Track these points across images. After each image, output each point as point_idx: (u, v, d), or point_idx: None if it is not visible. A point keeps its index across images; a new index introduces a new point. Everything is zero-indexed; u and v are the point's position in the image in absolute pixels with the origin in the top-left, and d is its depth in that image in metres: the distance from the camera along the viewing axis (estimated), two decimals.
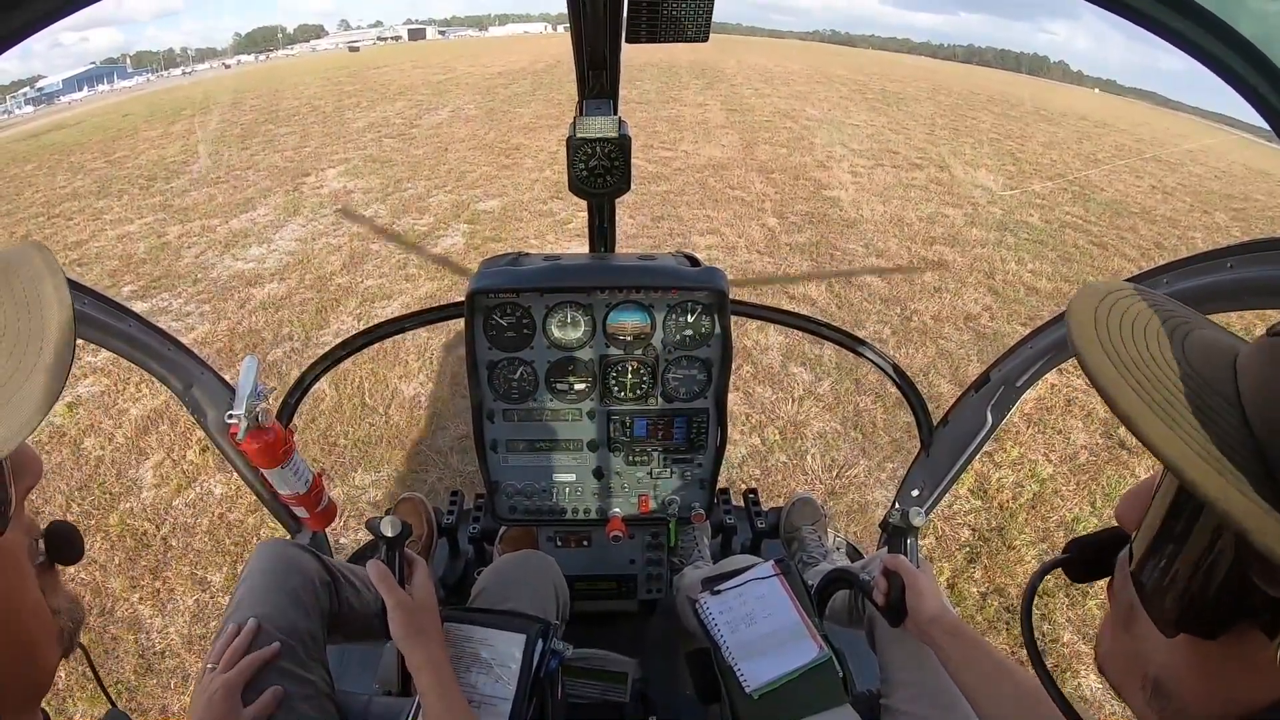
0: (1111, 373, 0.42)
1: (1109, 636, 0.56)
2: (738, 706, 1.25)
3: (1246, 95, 0.76)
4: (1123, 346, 0.44)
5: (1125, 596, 0.52)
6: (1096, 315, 0.46)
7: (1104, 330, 0.45)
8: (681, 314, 1.56)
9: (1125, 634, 0.53)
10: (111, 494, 3.30)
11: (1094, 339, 0.44)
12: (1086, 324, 0.46)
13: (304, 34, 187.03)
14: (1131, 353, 0.43)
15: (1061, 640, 2.56)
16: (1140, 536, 0.50)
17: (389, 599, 1.13)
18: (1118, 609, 0.54)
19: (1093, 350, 0.44)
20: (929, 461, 1.93)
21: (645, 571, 1.94)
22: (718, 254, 6.20)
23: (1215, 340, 0.45)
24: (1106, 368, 0.42)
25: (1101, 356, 0.43)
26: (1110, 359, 0.43)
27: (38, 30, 0.77)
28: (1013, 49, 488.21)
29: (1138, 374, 0.42)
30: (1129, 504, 0.53)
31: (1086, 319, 0.46)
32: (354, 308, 5.10)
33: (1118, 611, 0.54)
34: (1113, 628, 0.55)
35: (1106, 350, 0.43)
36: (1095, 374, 0.42)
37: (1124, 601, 0.52)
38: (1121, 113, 26.55)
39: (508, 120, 12.77)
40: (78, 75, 74.13)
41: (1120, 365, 0.43)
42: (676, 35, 1.03)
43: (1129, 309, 0.47)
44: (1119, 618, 0.54)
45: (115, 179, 9.39)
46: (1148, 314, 0.47)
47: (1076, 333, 0.45)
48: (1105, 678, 0.56)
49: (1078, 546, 0.61)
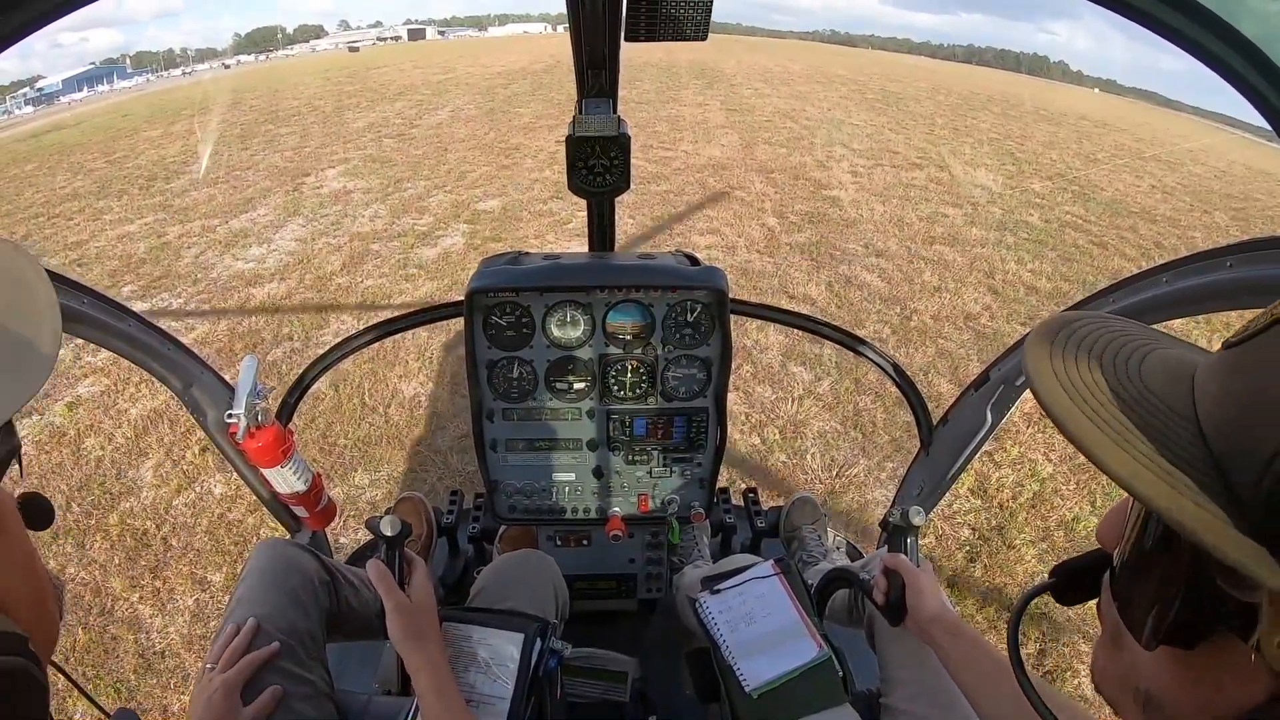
0: (1065, 401, 0.44)
1: (1101, 655, 0.57)
2: (737, 706, 1.25)
3: (1247, 95, 0.76)
4: (1076, 375, 0.45)
5: (1111, 615, 0.53)
6: (1052, 348, 0.48)
7: (1058, 362, 0.47)
8: (681, 313, 1.56)
9: (1115, 651, 0.54)
10: (111, 494, 3.30)
11: (1048, 371, 0.46)
12: (1041, 357, 0.47)
13: (304, 34, 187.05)
14: (1085, 379, 0.45)
15: (1061, 639, 2.56)
16: (1117, 555, 0.51)
17: (387, 601, 1.13)
18: (1106, 628, 0.55)
19: (1045, 381, 0.45)
20: (929, 461, 1.93)
21: (645, 571, 1.94)
22: (717, 253, 6.20)
23: (1175, 359, 0.46)
24: (1060, 396, 0.44)
25: (1055, 386, 0.45)
26: (1064, 388, 0.45)
27: (36, 30, 0.77)
28: (1013, 49, 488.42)
29: (1091, 400, 0.43)
30: (1108, 525, 0.55)
31: (1042, 352, 0.48)
32: (354, 308, 5.10)
33: (1106, 630, 0.55)
34: (1104, 647, 0.56)
35: (1061, 381, 0.45)
36: (1049, 404, 0.44)
37: (1111, 620, 0.53)
38: (1122, 112, 26.56)
39: (507, 120, 12.77)
40: (77, 75, 74.16)
41: (1073, 393, 0.44)
42: (675, 34, 1.03)
43: (1085, 338, 0.48)
44: (1108, 636, 0.55)
45: (115, 179, 9.39)
46: (1104, 341, 0.48)
47: (1031, 367, 0.47)
48: (1102, 696, 0.57)
49: (1063, 572, 0.62)
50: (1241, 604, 0.40)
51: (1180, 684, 0.47)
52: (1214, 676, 0.44)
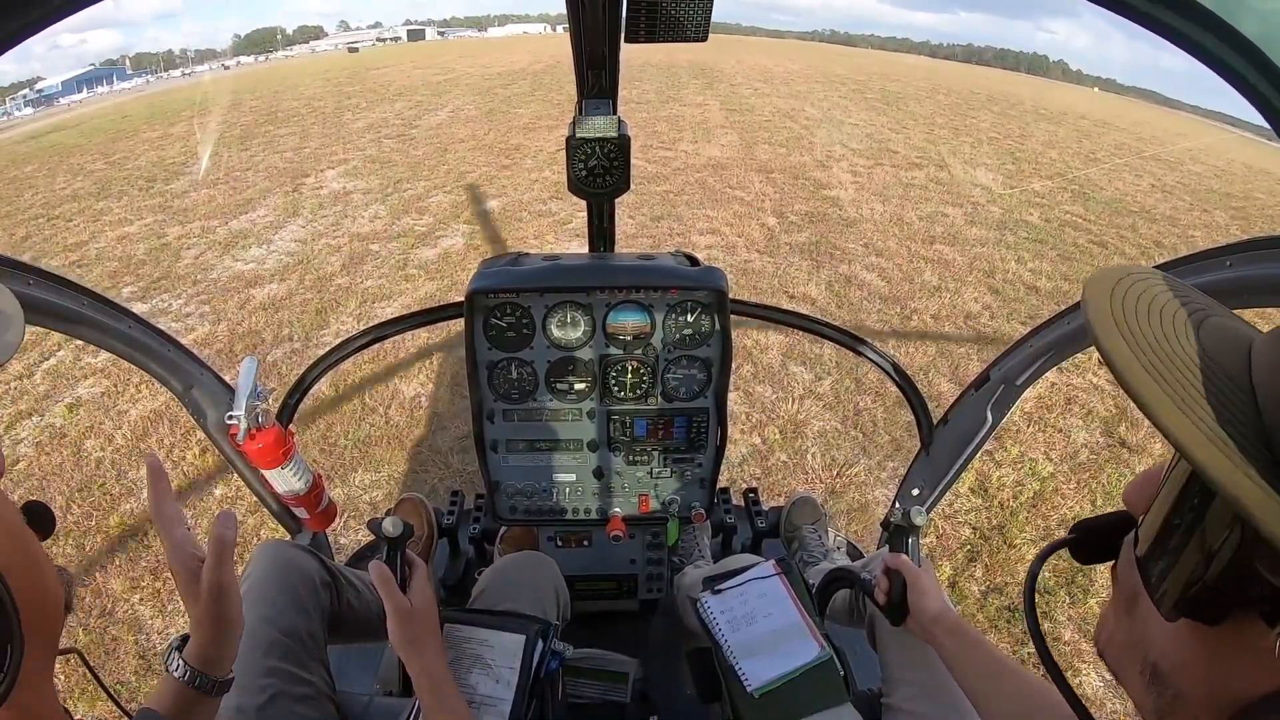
0: (1126, 353, 0.42)
1: (1111, 621, 0.56)
2: (739, 706, 1.25)
3: (1247, 95, 0.76)
4: (1138, 327, 0.43)
5: (1129, 581, 0.52)
6: (1113, 295, 0.46)
7: (1119, 310, 0.44)
8: (681, 313, 1.56)
9: (1127, 619, 0.53)
10: (112, 495, 3.30)
11: (1109, 318, 0.44)
12: (1103, 304, 0.45)
13: (303, 35, 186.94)
14: (1147, 334, 0.43)
15: (1063, 639, 2.56)
16: (1147, 521, 0.50)
17: (388, 603, 1.13)
18: (1120, 593, 0.54)
19: (1108, 329, 0.43)
20: (929, 460, 1.93)
21: (645, 571, 1.93)
22: (717, 253, 6.20)
23: (1231, 328, 0.45)
24: (1121, 347, 0.42)
25: (1117, 336, 0.43)
26: (1125, 339, 0.43)
27: (36, 32, 0.77)
28: (1012, 48, 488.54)
29: (1152, 355, 0.42)
30: (1138, 488, 0.53)
31: (1103, 298, 0.45)
32: (354, 308, 5.10)
33: (1120, 596, 0.54)
34: (1115, 612, 0.55)
35: (1121, 330, 0.43)
36: (1110, 354, 0.42)
37: (1127, 586, 0.52)
38: (1121, 111, 26.56)
39: (507, 121, 12.77)
40: (77, 77, 74.16)
41: (1135, 346, 0.42)
42: (675, 35, 1.03)
43: (1145, 291, 0.46)
44: (1121, 602, 0.54)
45: (115, 180, 9.39)
46: (1165, 297, 0.46)
47: (1093, 312, 0.45)
48: (1105, 662, 0.56)
49: (1083, 529, 0.61)
50: (1273, 588, 0.39)
51: (1193, 660, 0.46)
52: (1228, 657, 0.44)
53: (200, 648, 0.90)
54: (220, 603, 0.90)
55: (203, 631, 0.90)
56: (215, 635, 0.90)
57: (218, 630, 0.90)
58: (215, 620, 0.90)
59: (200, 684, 0.89)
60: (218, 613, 0.90)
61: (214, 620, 0.90)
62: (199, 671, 0.89)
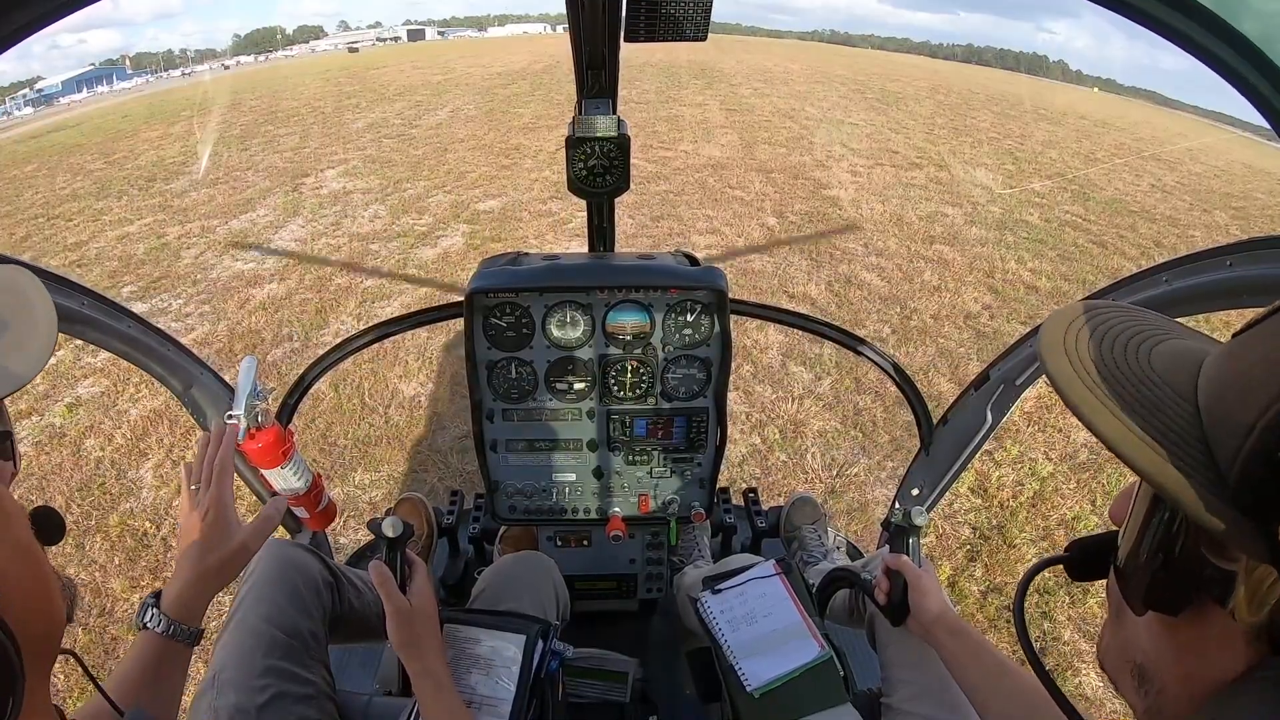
0: (1068, 371, 0.48)
1: (1107, 632, 0.59)
2: (739, 705, 1.25)
3: (1247, 95, 0.76)
4: (1083, 350, 0.49)
5: (1115, 591, 0.56)
6: (1069, 327, 0.52)
7: (1070, 339, 0.51)
8: (681, 313, 1.55)
9: (1117, 626, 0.57)
10: (112, 495, 3.30)
11: (1059, 347, 0.50)
12: (1055, 336, 0.51)
13: (303, 35, 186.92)
14: (1087, 355, 0.49)
15: (1062, 639, 2.56)
16: (1124, 531, 0.54)
17: (388, 604, 1.13)
18: (1111, 605, 0.58)
19: (1054, 356, 0.49)
20: (929, 460, 1.93)
21: (645, 571, 1.93)
22: (717, 253, 6.20)
23: (1188, 349, 0.49)
24: (1064, 366, 0.48)
25: (1062, 359, 0.49)
26: (1070, 361, 0.49)
27: (35, 31, 0.77)
28: (1012, 48, 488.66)
29: (1092, 373, 0.47)
30: (1118, 503, 0.57)
31: (1058, 329, 0.52)
32: (354, 308, 5.10)
33: (1111, 607, 0.58)
34: (1109, 623, 0.59)
35: (1069, 357, 0.49)
36: (1054, 374, 0.48)
37: (1115, 596, 0.56)
38: (1121, 111, 26.56)
39: (507, 121, 12.77)
40: (77, 77, 74.12)
41: (1077, 365, 0.48)
42: (675, 34, 1.03)
43: (1103, 323, 0.52)
44: (1113, 612, 0.58)
45: (115, 180, 9.39)
46: (1121, 326, 0.52)
47: (1043, 343, 0.51)
48: (1105, 672, 0.60)
49: (1078, 547, 0.64)
50: (1222, 571, 0.43)
51: (1167, 652, 0.50)
52: (1198, 646, 0.47)
53: (179, 593, 0.97)
54: (213, 531, 1.00)
55: (186, 572, 0.98)
56: (197, 577, 0.98)
57: (200, 570, 0.98)
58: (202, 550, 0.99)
59: (176, 633, 0.95)
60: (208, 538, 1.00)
61: (202, 550, 0.99)
62: (174, 621, 0.95)
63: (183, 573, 0.99)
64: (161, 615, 0.95)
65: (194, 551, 1.00)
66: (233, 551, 1.02)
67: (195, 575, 0.99)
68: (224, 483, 1.05)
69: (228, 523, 1.03)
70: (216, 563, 1.00)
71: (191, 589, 0.98)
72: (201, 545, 1.00)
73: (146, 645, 0.95)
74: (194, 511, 1.03)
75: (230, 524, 1.03)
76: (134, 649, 0.96)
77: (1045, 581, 2.79)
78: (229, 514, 1.03)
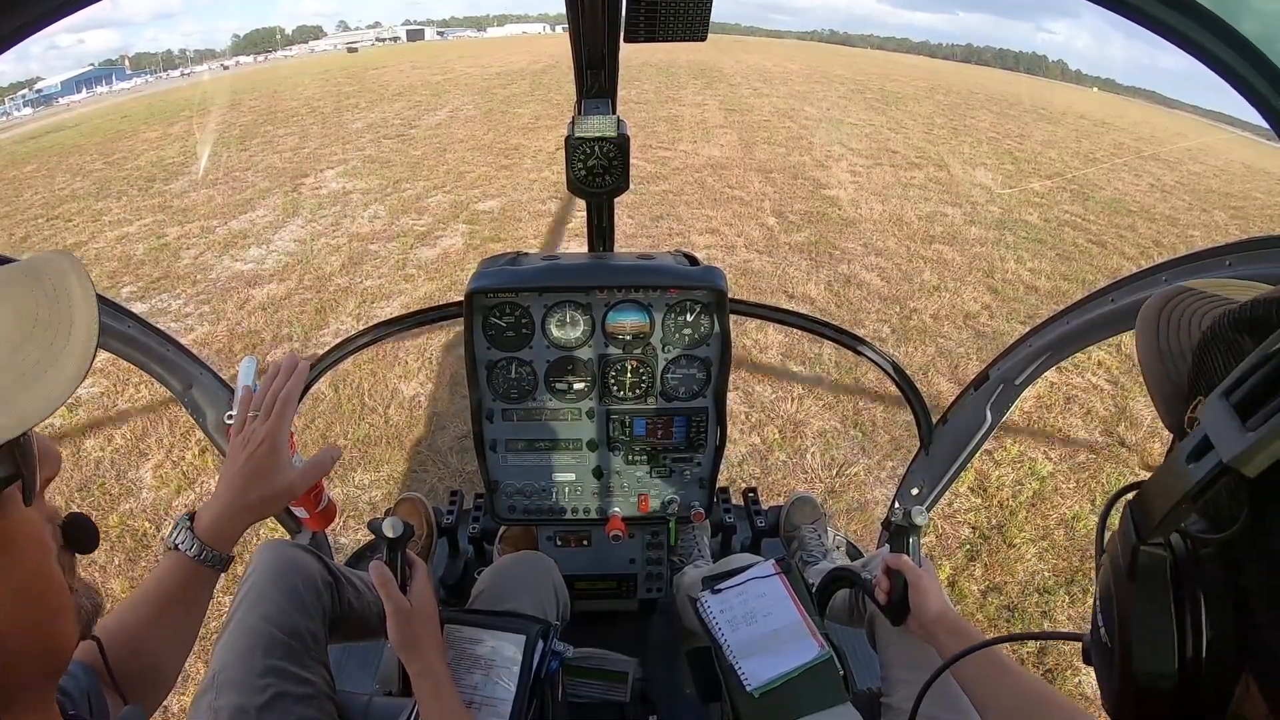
0: None
1: None
2: (739, 705, 1.25)
3: (1247, 95, 0.76)
4: None
5: None
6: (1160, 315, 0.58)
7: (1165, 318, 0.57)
8: (680, 313, 1.56)
9: None
10: (111, 495, 3.29)
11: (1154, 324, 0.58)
12: (1152, 314, 0.58)
13: (302, 35, 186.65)
14: None
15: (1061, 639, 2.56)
16: None
17: (388, 604, 1.13)
18: None
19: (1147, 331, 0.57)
20: (929, 460, 1.93)
21: (645, 571, 1.93)
22: (717, 253, 6.20)
23: None
24: None
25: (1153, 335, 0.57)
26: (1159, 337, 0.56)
27: (35, 32, 0.77)
28: (1012, 48, 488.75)
29: None
30: None
31: (1153, 312, 0.59)
32: (353, 308, 5.10)
33: None
34: None
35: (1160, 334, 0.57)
36: None
37: None
38: (1120, 111, 26.56)
39: (506, 121, 12.76)
40: (76, 77, 74.02)
41: None
42: (674, 34, 1.03)
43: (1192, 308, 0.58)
44: None
45: (114, 180, 9.38)
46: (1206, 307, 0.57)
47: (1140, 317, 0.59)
48: None
49: None
50: None
51: None
52: None
53: (215, 518, 0.95)
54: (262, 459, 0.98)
55: (226, 499, 0.96)
56: (240, 507, 0.97)
57: (243, 501, 0.97)
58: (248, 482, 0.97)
59: (207, 558, 0.93)
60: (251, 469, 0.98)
61: (247, 480, 0.97)
62: (206, 545, 0.93)
63: (222, 499, 0.97)
64: (195, 540, 0.93)
65: (239, 482, 0.97)
66: (279, 490, 0.99)
67: (237, 505, 0.97)
68: (285, 416, 1.02)
69: (280, 459, 1.00)
70: (259, 498, 0.98)
71: (229, 518, 0.96)
72: (248, 476, 0.97)
73: (175, 566, 0.93)
74: (249, 441, 1.00)
75: (283, 460, 1.00)
76: (162, 568, 0.94)
77: (1045, 581, 2.80)
78: (283, 450, 1.00)
